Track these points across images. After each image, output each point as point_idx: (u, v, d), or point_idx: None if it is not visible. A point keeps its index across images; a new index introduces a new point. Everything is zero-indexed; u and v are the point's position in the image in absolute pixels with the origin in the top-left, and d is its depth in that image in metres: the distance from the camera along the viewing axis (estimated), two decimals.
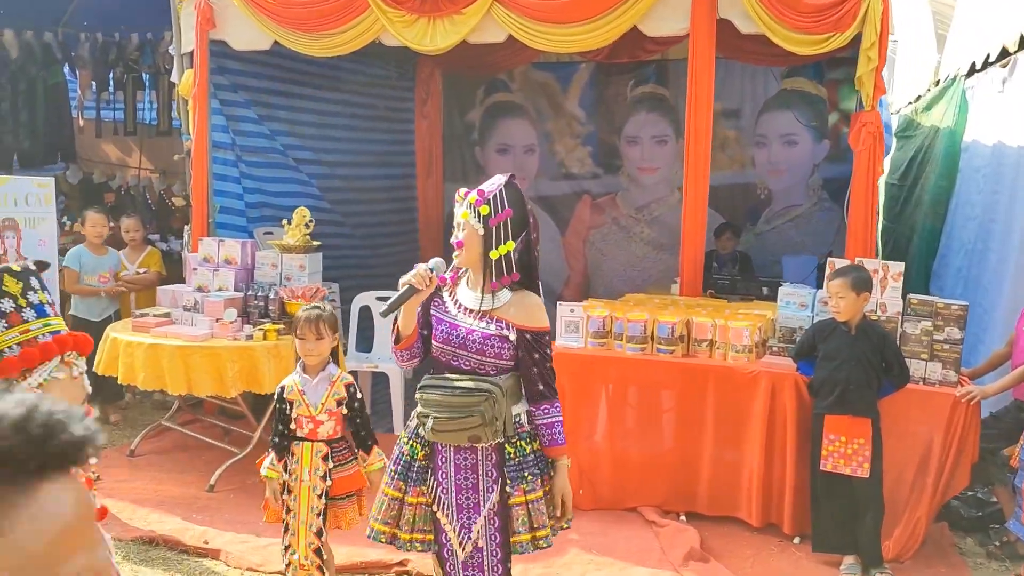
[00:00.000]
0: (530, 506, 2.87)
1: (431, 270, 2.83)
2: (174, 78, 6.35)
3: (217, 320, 5.20)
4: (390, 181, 8.64)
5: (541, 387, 2.86)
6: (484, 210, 2.78)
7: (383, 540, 3.01)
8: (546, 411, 2.88)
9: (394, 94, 8.68)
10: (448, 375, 2.86)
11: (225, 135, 6.53)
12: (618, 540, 4.40)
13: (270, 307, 5.33)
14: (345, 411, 3.54)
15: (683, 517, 4.63)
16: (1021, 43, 5.40)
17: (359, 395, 3.59)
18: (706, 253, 7.85)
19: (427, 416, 2.82)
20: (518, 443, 2.89)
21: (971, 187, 6.42)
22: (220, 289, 5.47)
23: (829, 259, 4.76)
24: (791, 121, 8.14)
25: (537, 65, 8.67)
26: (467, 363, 2.84)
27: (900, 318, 4.35)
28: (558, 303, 5.11)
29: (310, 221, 5.68)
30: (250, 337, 5.10)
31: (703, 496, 4.59)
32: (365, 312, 6.56)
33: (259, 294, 5.38)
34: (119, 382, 5.13)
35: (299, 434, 3.53)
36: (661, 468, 4.66)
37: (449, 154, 9.15)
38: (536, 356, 2.83)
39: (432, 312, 2.91)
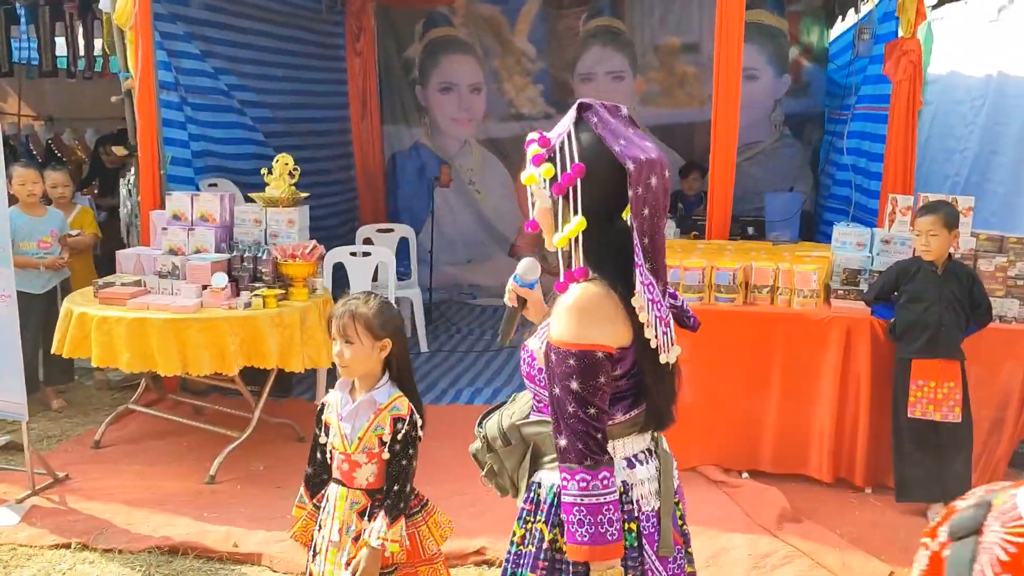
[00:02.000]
0: None
1: (515, 279, 2.21)
2: (104, 5, 5.42)
3: (205, 287, 4.50)
4: (326, 124, 7.91)
5: (556, 438, 1.82)
6: (548, 172, 1.89)
7: None
8: (563, 483, 1.81)
9: (325, 28, 7.91)
10: (506, 408, 2.12)
11: (168, 74, 5.68)
12: (691, 503, 4.08)
13: (261, 269, 4.66)
14: (386, 454, 2.55)
15: (745, 475, 4.38)
16: None
17: (406, 434, 2.54)
18: (673, 193, 7.69)
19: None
20: (531, 524, 1.95)
21: (953, 120, 6.37)
22: (198, 251, 4.73)
23: (893, 196, 4.50)
24: (752, 54, 7.90)
25: None
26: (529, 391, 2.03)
27: (975, 255, 4.18)
28: None
29: (294, 169, 4.99)
30: (248, 305, 4.43)
31: (767, 453, 4.34)
32: (339, 270, 5.94)
33: (246, 254, 4.69)
34: (94, 365, 4.36)
35: (334, 474, 2.62)
36: (722, 425, 4.37)
37: (387, 94, 8.47)
38: (552, 388, 1.81)
39: None
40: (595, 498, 1.75)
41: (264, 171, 5.01)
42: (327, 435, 2.63)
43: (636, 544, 1.86)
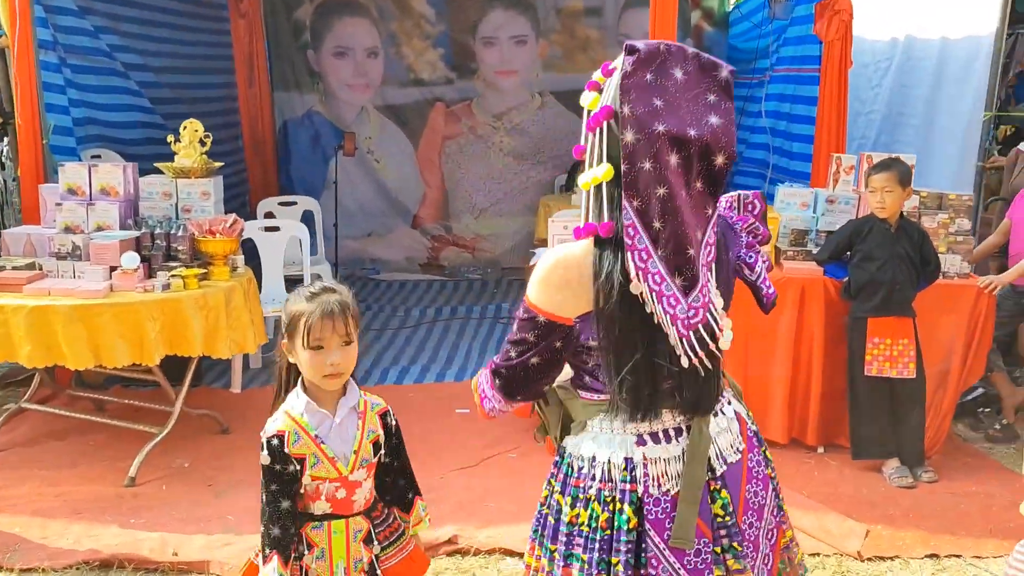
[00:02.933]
0: None
1: None
2: None
3: (113, 269, 4.03)
4: (213, 91, 7.34)
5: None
6: (593, 102, 1.69)
7: None
8: (481, 377, 1.88)
9: None
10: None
11: (45, 31, 5.06)
12: None
13: (176, 247, 4.22)
14: (384, 456, 2.24)
15: None
16: None
17: (397, 424, 2.29)
18: (577, 161, 7.57)
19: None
20: (552, 493, 1.85)
21: (859, 83, 6.46)
22: (100, 229, 4.24)
23: (838, 155, 4.50)
24: None
25: None
26: None
27: (918, 213, 4.23)
28: (550, 220, 4.46)
29: (205, 136, 4.54)
30: (167, 287, 4.00)
31: None
32: (246, 246, 5.49)
33: (156, 231, 4.24)
34: None
35: (319, 511, 2.17)
36: None
37: (277, 59, 7.95)
38: None
39: None
40: (487, 399, 1.84)
41: (170, 139, 4.53)
42: (306, 468, 2.11)
43: (629, 527, 1.69)
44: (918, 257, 3.93)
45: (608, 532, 1.70)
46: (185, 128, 4.50)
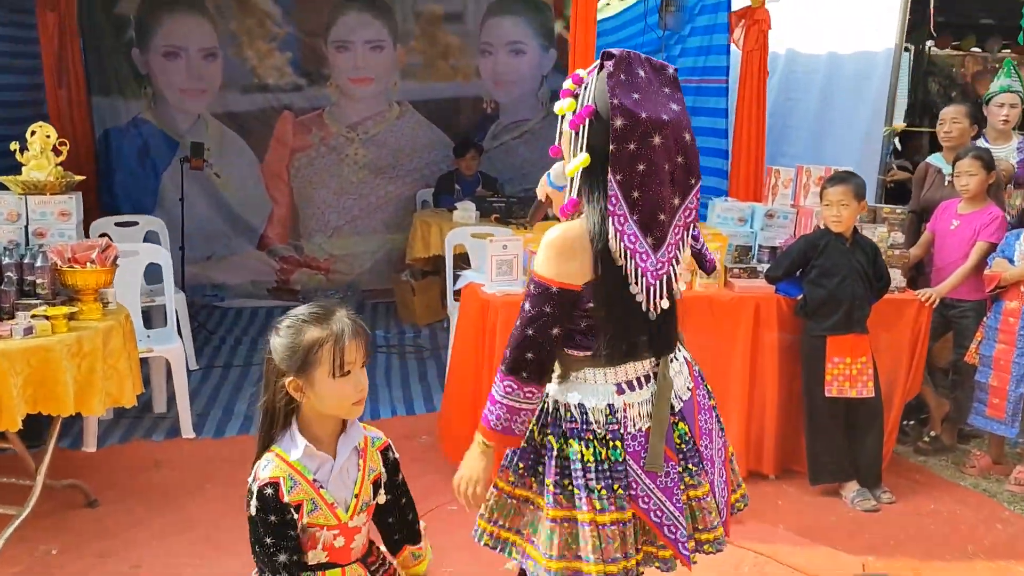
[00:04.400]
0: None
1: (548, 178, 2.31)
2: None
3: None
4: (12, 93, 6.27)
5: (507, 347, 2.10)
6: (570, 106, 2.02)
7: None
8: (494, 382, 2.10)
9: None
10: None
11: None
12: None
13: (34, 281, 3.38)
14: (384, 496, 2.01)
15: None
16: None
17: (396, 458, 2.07)
18: (446, 175, 7.16)
19: None
20: (543, 434, 2.17)
21: None
22: None
23: (775, 168, 4.35)
24: (518, 28, 7.58)
25: None
26: None
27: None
28: (489, 241, 3.97)
29: (60, 142, 3.71)
30: (30, 331, 3.17)
31: None
32: None
33: (5, 261, 3.38)
34: None
35: (314, 560, 1.91)
36: None
37: (95, 59, 6.92)
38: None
39: None
40: (515, 402, 2.04)
41: (15, 146, 3.67)
42: (303, 515, 1.85)
43: (621, 459, 2.06)
44: (872, 272, 3.83)
45: (607, 464, 2.06)
46: (34, 133, 3.66)
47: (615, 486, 2.04)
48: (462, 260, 6.36)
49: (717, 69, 5.18)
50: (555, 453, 2.09)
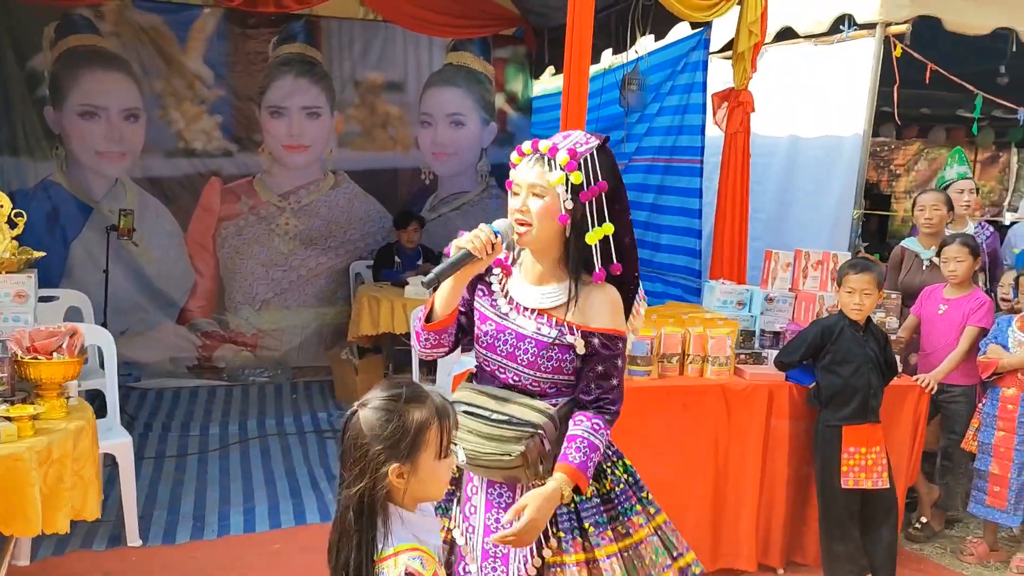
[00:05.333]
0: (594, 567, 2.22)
1: (496, 234, 2.19)
2: None
3: None
4: None
5: (589, 398, 2.23)
6: (576, 178, 2.15)
7: None
8: (582, 423, 2.21)
9: None
10: (488, 391, 2.27)
11: None
12: None
13: None
14: None
15: None
16: None
17: None
18: (385, 247, 6.86)
19: (456, 444, 2.05)
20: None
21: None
22: None
23: (776, 252, 4.27)
24: (458, 99, 7.44)
25: (140, 3, 6.48)
26: (516, 377, 2.26)
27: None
28: None
29: (15, 213, 3.26)
30: None
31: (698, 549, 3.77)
32: None
33: None
34: None
35: None
36: None
37: (3, 115, 6.33)
38: (599, 369, 2.21)
39: (477, 302, 2.31)
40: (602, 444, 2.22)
41: None
42: None
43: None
44: (883, 360, 3.77)
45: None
46: None
47: None
48: (405, 338, 6.07)
49: (691, 149, 5.14)
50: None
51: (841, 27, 5.08)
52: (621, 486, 2.32)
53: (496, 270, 2.30)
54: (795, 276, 4.22)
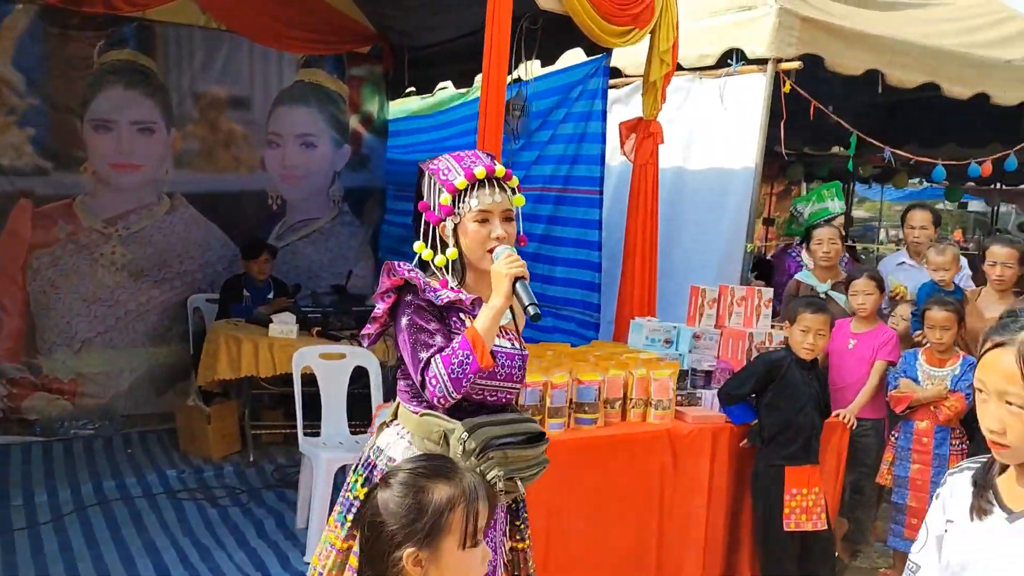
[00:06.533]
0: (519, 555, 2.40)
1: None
2: None
3: None
4: None
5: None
6: (520, 200, 2.33)
7: None
8: None
9: None
10: (504, 417, 2.23)
11: None
12: None
13: None
14: None
15: None
16: None
17: None
18: (232, 279, 6.24)
19: (512, 478, 2.16)
20: None
21: None
22: None
23: (702, 288, 4.12)
24: (309, 119, 6.91)
25: None
26: (508, 396, 2.31)
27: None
28: None
29: None
30: None
31: None
32: None
33: None
34: None
35: None
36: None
37: None
38: None
39: (454, 330, 2.21)
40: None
41: None
42: None
43: None
44: (823, 401, 3.73)
45: None
46: None
47: None
48: (268, 382, 5.46)
49: (589, 179, 4.96)
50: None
51: (729, 61, 5.10)
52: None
53: (441, 293, 2.21)
54: (719, 313, 4.12)
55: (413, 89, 6.95)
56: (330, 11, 6.49)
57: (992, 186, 10.92)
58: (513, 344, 2.30)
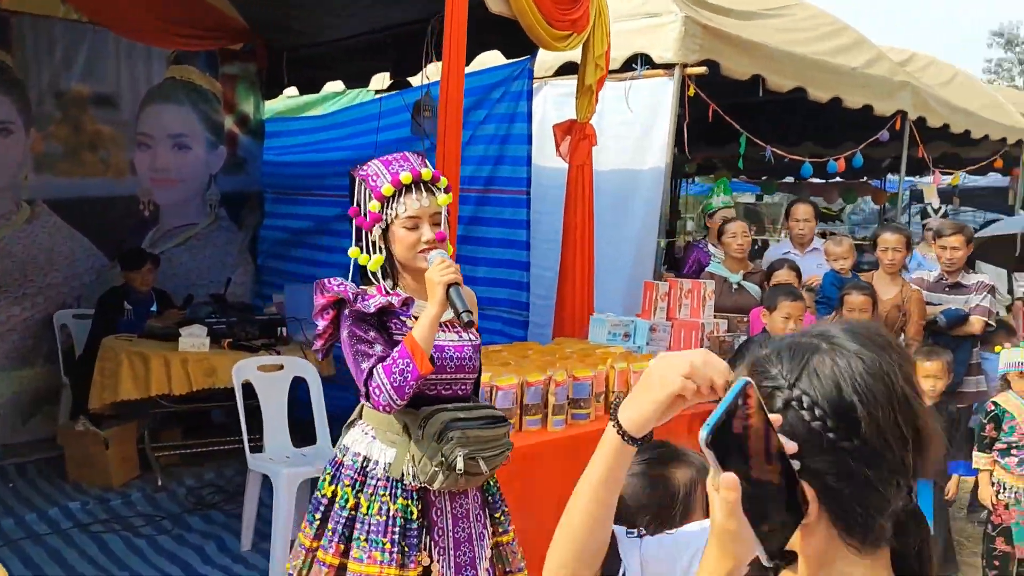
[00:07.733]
0: (505, 548, 2.52)
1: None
2: None
3: None
4: None
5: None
6: (448, 200, 2.40)
7: None
8: None
9: None
10: (461, 404, 2.38)
11: None
12: None
13: None
14: None
15: None
16: None
17: None
18: (110, 292, 5.83)
19: (474, 458, 2.26)
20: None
21: None
22: None
23: (655, 282, 4.30)
24: (182, 119, 6.51)
25: None
26: (463, 388, 2.45)
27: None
28: None
29: None
30: None
31: None
32: None
33: None
34: None
35: None
36: None
37: None
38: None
39: (395, 332, 2.32)
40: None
41: None
42: None
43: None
44: None
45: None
46: None
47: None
48: (171, 400, 5.12)
49: (515, 180, 5.03)
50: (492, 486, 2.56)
51: (634, 65, 5.34)
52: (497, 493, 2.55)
53: (376, 299, 2.28)
54: (670, 306, 4.33)
55: (295, 89, 6.70)
56: (201, 3, 6.13)
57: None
58: (461, 336, 2.40)
